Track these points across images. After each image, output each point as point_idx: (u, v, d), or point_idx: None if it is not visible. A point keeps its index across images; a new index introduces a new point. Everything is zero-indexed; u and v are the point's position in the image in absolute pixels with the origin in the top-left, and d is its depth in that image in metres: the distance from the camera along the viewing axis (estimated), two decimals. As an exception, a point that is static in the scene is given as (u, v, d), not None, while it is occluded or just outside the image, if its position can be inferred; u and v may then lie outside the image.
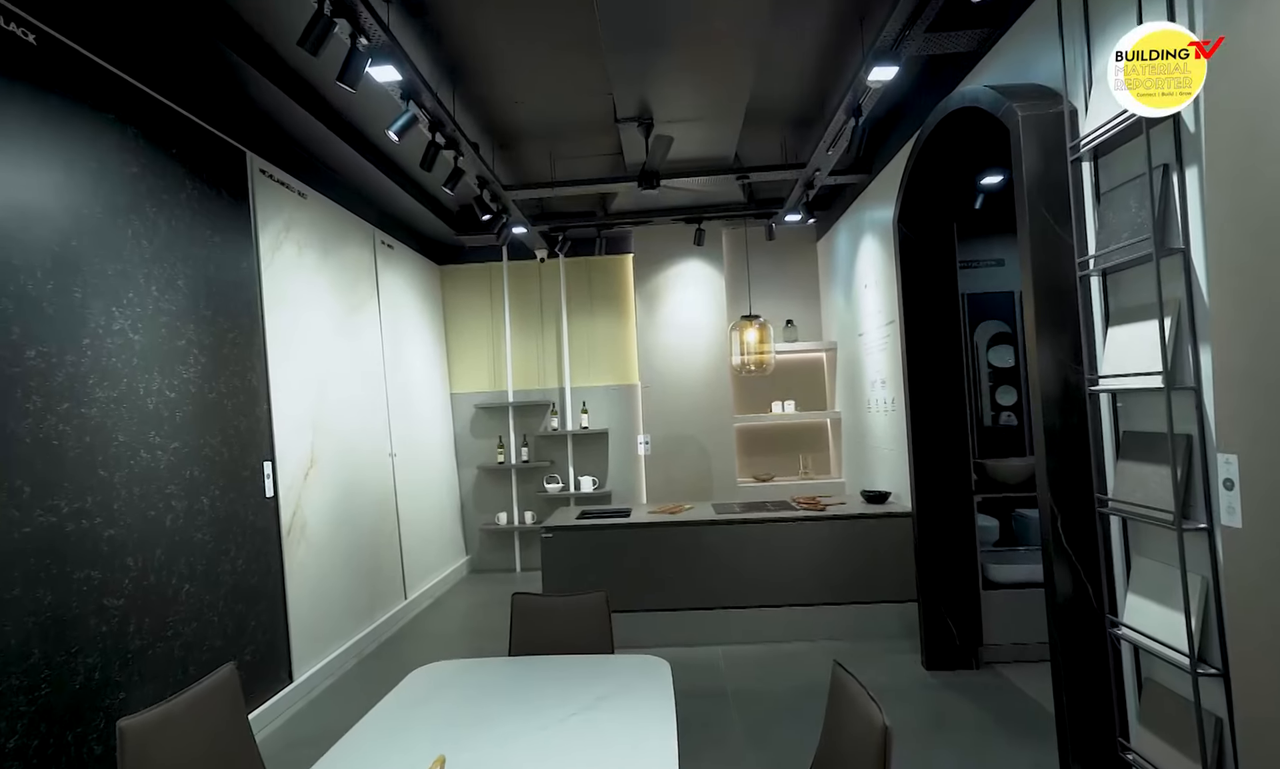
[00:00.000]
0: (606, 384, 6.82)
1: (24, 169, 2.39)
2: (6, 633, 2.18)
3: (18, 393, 2.28)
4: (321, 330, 4.38)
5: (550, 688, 1.98)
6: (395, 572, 5.19)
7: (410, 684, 2.10)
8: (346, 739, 1.72)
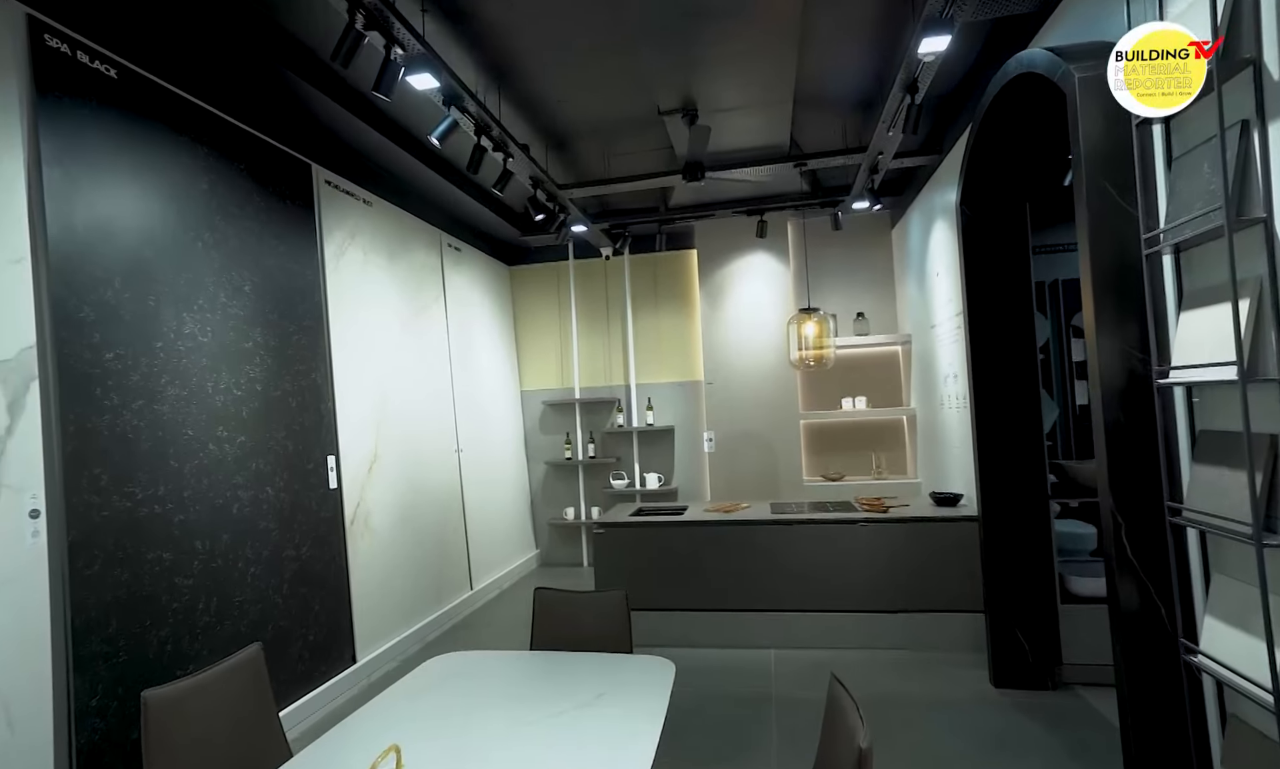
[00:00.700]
0: (672, 381, 6.78)
1: (105, 189, 2.66)
2: (89, 605, 2.44)
3: (97, 391, 2.54)
4: (386, 330, 4.61)
5: (551, 684, 1.99)
6: (461, 562, 5.39)
7: (420, 674, 2.16)
8: (344, 725, 1.79)
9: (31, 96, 2.43)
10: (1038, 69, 2.58)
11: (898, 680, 3.68)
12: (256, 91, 3.49)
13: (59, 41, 2.54)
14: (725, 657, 4.14)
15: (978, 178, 3.58)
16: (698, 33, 3.25)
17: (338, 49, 2.59)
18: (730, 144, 4.59)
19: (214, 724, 1.86)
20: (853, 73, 4.06)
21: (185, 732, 1.78)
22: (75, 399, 2.46)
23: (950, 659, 3.89)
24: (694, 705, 3.49)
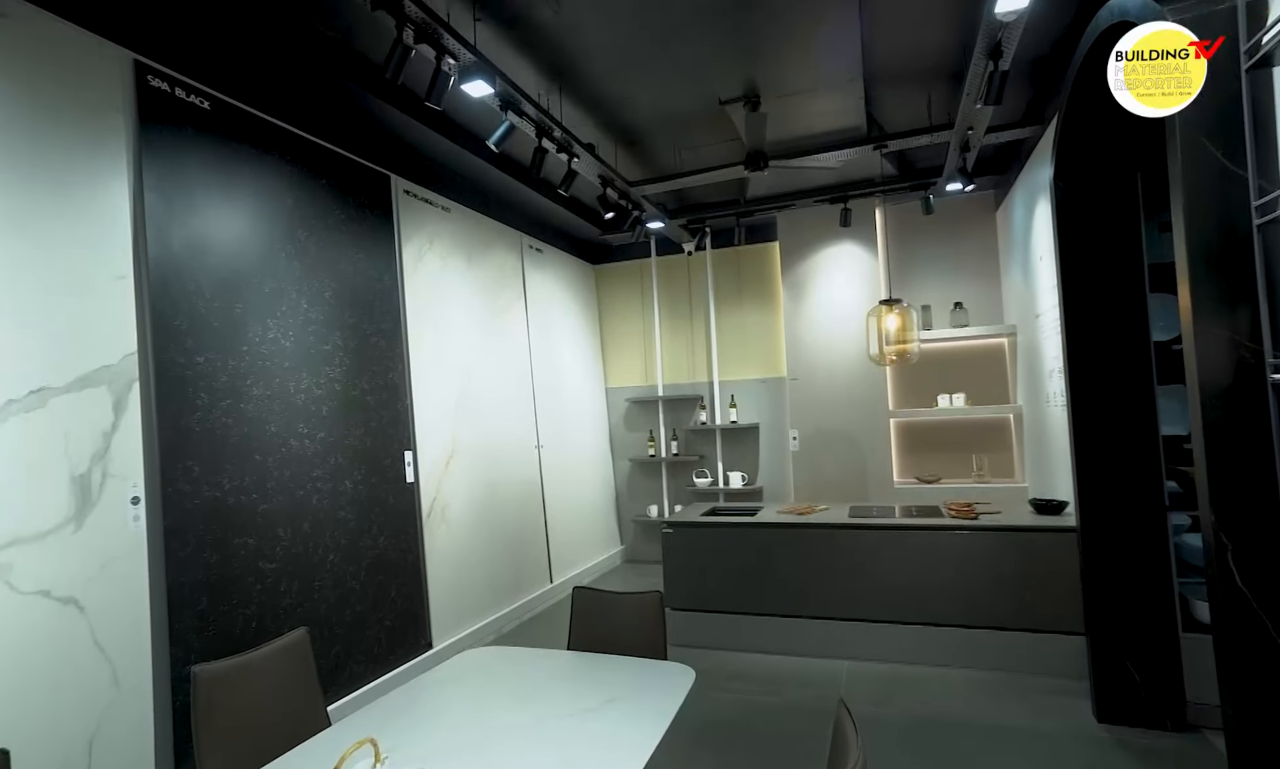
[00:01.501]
0: (755, 378, 6.60)
1: (198, 210, 2.94)
2: (183, 583, 2.71)
3: (189, 391, 2.82)
4: (465, 330, 4.80)
5: (567, 685, 1.98)
6: (540, 556, 5.53)
7: (450, 667, 2.22)
8: (360, 713, 1.87)
9: (136, 131, 2.73)
10: (1130, 17, 2.25)
11: (985, 705, 3.36)
12: (337, 111, 3.74)
13: (160, 80, 2.83)
14: (794, 665, 3.97)
15: (1074, 147, 3.19)
16: (750, 15, 3.12)
17: (386, 63, 2.71)
18: (801, 130, 4.39)
19: (259, 700, 2.00)
20: (931, 41, 3.75)
21: (231, 705, 1.93)
22: (170, 399, 2.74)
23: (1047, 685, 3.51)
24: (751, 714, 3.37)
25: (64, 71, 2.51)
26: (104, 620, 2.44)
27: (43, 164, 2.41)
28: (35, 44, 2.43)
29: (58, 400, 2.36)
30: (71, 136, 2.51)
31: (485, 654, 2.34)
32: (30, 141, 2.38)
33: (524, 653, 2.36)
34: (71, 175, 2.50)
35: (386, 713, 1.87)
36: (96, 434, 2.47)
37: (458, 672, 2.16)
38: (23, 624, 2.21)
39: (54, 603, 2.30)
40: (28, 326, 2.31)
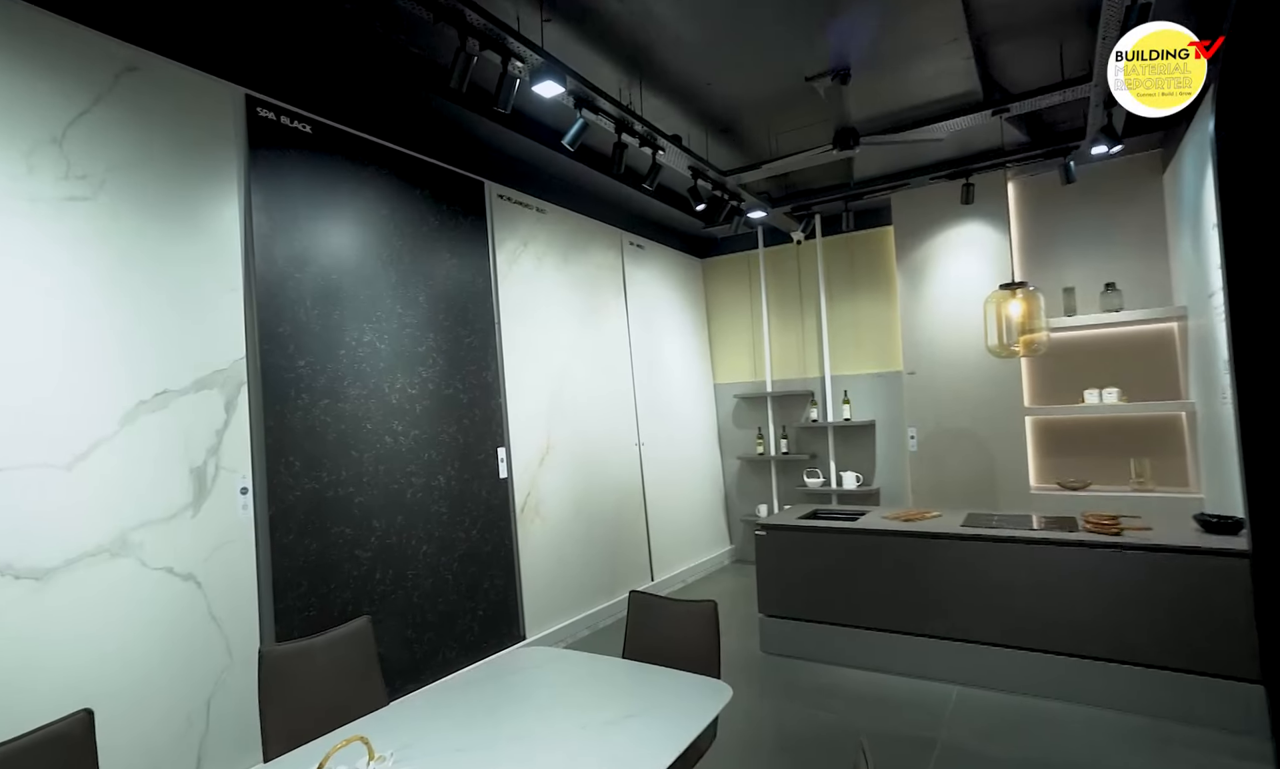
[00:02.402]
0: (870, 372, 6.17)
1: (300, 225, 3.22)
2: (286, 567, 2.99)
3: (291, 392, 3.09)
4: (560, 329, 4.90)
5: (596, 695, 1.92)
6: (640, 554, 5.52)
7: (492, 665, 2.25)
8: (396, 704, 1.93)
9: (246, 158, 3.04)
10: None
11: (1128, 755, 2.88)
12: (430, 124, 3.94)
13: (267, 111, 3.13)
14: (894, 685, 3.64)
15: (1241, 85, 2.61)
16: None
17: (450, 71, 2.79)
18: (904, 101, 4.00)
19: (322, 682, 2.14)
20: (1058, -16, 3.25)
21: (295, 685, 2.08)
22: (274, 399, 3.02)
23: (1209, 740, 2.93)
24: (840, 735, 3.13)
25: (187, 111, 2.84)
26: (218, 596, 2.73)
27: (169, 192, 2.74)
28: (164, 89, 2.77)
29: (178, 401, 2.68)
30: (192, 167, 2.83)
31: (535, 655, 2.35)
32: (159, 173, 2.71)
33: (573, 656, 2.34)
34: (192, 201, 2.82)
35: (413, 707, 1.92)
36: (210, 431, 2.77)
37: (497, 671, 2.18)
38: (152, 595, 2.54)
39: (176, 578, 2.61)
40: (154, 337, 2.64)
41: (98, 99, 2.57)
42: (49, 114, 2.43)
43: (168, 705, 2.55)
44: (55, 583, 2.30)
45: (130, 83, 2.67)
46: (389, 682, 3.27)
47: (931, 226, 5.56)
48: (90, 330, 2.46)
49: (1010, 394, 5.24)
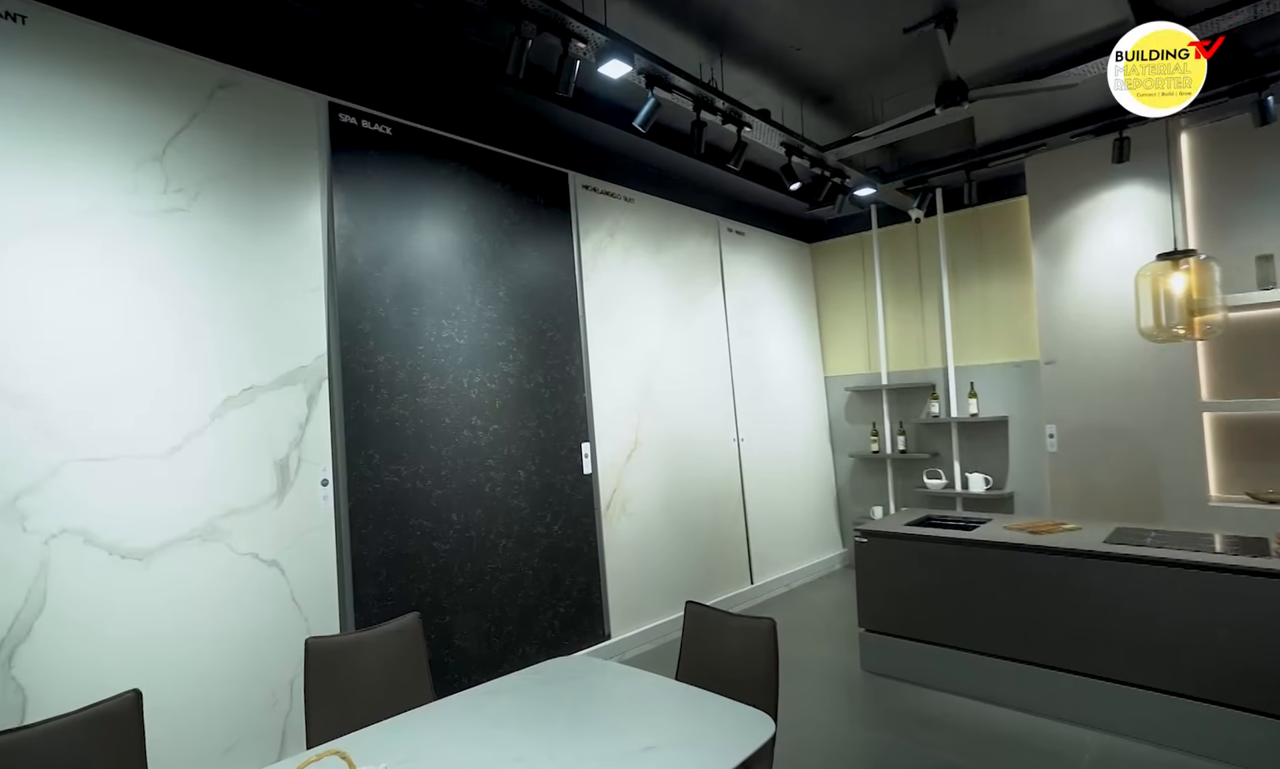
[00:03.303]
0: (1002, 361, 5.47)
1: (380, 225, 3.31)
2: (364, 557, 3.09)
3: (371, 387, 3.19)
4: (650, 321, 4.75)
5: (623, 719, 1.76)
6: (739, 555, 5.27)
7: (525, 675, 2.15)
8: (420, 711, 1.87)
9: (329, 162, 3.16)
10: None
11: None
12: (511, 118, 3.94)
13: (348, 116, 3.25)
14: (1014, 723, 3.15)
15: None
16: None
17: (506, 57, 2.72)
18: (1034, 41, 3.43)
19: (369, 675, 2.15)
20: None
21: (341, 677, 2.09)
22: (354, 394, 3.13)
23: None
24: (941, 779, 2.74)
25: (274, 121, 3.00)
26: (300, 582, 2.87)
27: (257, 199, 2.90)
28: (253, 103, 2.93)
29: (264, 396, 2.83)
30: (278, 174, 2.99)
31: (579, 664, 2.22)
32: (248, 182, 2.88)
33: (615, 670, 2.19)
34: (278, 207, 2.97)
35: (441, 712, 1.86)
36: (293, 425, 2.91)
37: (528, 682, 2.07)
38: (239, 579, 2.70)
39: (261, 564, 2.77)
40: (242, 335, 2.80)
41: (194, 116, 2.76)
42: (152, 134, 2.64)
43: (254, 683, 2.70)
44: (155, 563, 2.50)
45: (223, 98, 2.85)
46: (467, 674, 3.32)
47: (1075, 192, 4.80)
48: (185, 331, 2.65)
49: (1182, 385, 4.40)
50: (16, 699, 2.21)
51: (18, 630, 2.22)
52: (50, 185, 2.40)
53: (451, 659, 3.34)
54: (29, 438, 2.28)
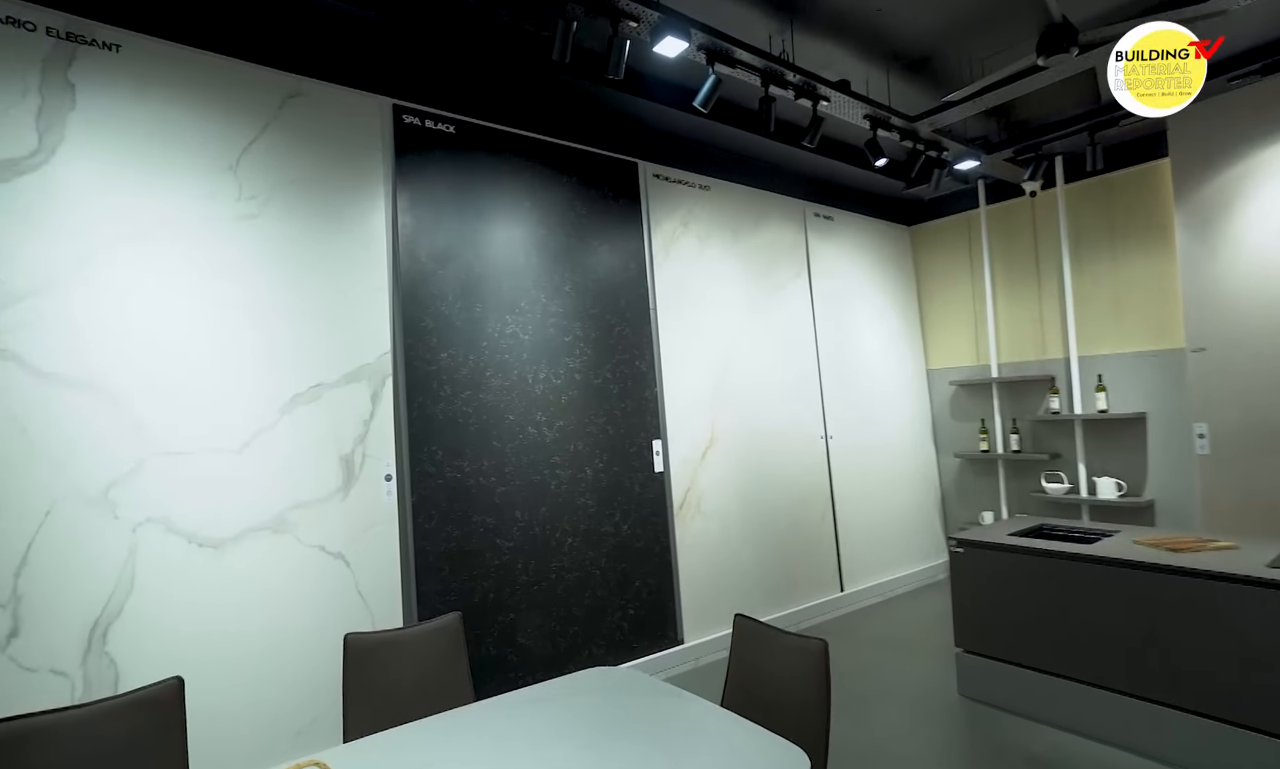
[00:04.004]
0: (1137, 350, 4.79)
1: (444, 223, 3.34)
2: (427, 552, 3.13)
3: (434, 384, 3.22)
4: (727, 313, 4.54)
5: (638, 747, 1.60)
6: (828, 560, 4.95)
7: (574, 680, 2.04)
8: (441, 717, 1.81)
9: (393, 164, 3.22)
10: None
11: None
12: (576, 109, 3.87)
13: (412, 117, 3.30)
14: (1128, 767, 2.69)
15: None
16: None
17: (551, 43, 2.63)
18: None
19: (407, 673, 2.13)
20: None
21: (380, 673, 2.09)
22: (417, 390, 3.17)
23: None
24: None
25: (341, 126, 3.09)
26: (364, 575, 2.94)
27: (324, 203, 3.00)
28: (321, 110, 3.04)
29: (330, 393, 2.92)
30: (344, 177, 3.07)
31: (615, 677, 2.09)
32: (316, 186, 2.98)
33: (654, 687, 2.03)
34: (344, 209, 3.06)
35: (452, 720, 1.79)
36: (358, 421, 2.99)
37: (562, 691, 1.97)
38: (307, 570, 2.80)
39: (327, 556, 2.85)
40: (310, 334, 2.90)
41: (265, 127, 2.88)
42: (226, 145, 2.78)
43: (321, 670, 2.78)
44: (230, 552, 2.63)
45: (293, 107, 2.96)
46: (531, 673, 3.29)
47: (1233, 150, 4.09)
48: (257, 331, 2.77)
49: (1370, 376, 3.63)
50: (110, 673, 2.39)
51: (111, 609, 2.40)
52: (140, 198, 2.58)
53: (515, 657, 3.32)
54: (119, 433, 2.46)
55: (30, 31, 2.45)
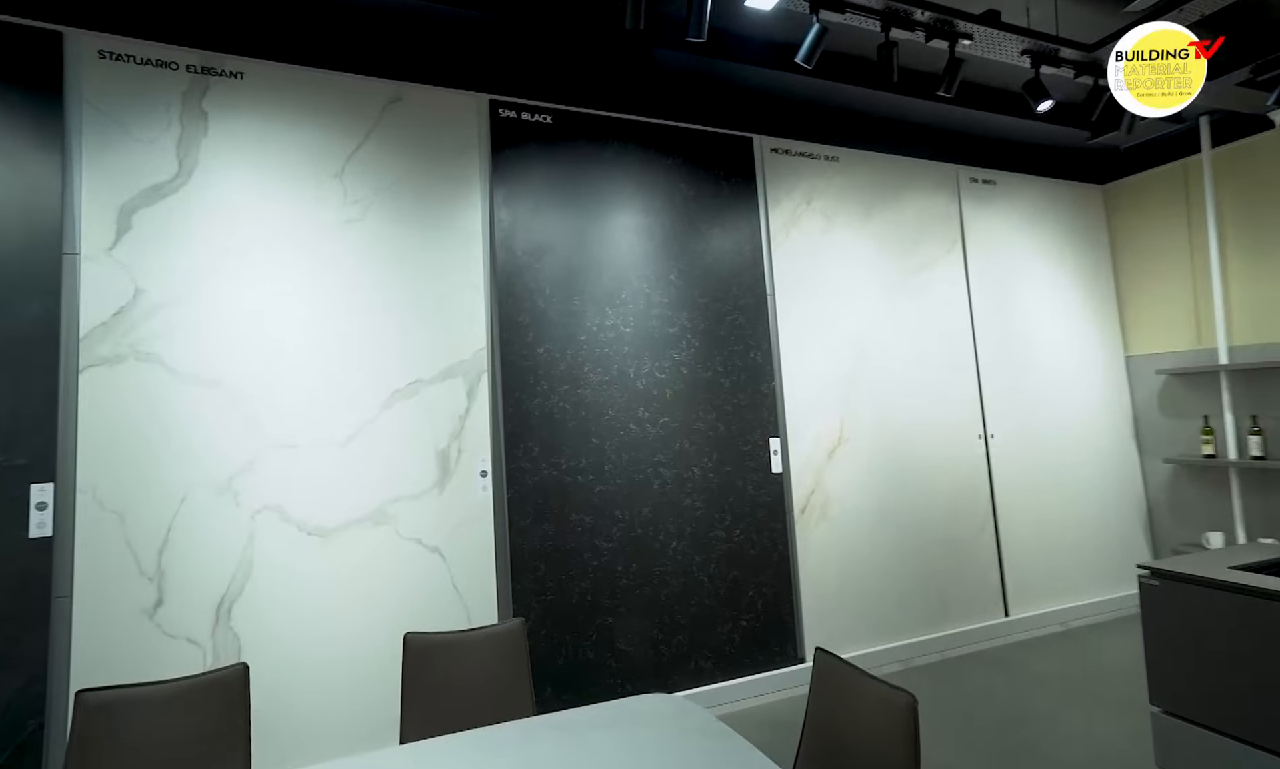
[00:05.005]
0: None
1: (540, 216, 3.30)
2: (523, 549, 3.09)
3: (530, 379, 3.18)
4: (860, 298, 4.06)
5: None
6: (988, 579, 4.25)
7: (629, 705, 1.83)
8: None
9: (489, 160, 3.23)
10: None
11: None
12: (682, 87, 3.64)
13: (508, 111, 3.29)
14: None
15: None
16: None
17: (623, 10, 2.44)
18: None
19: (465, 678, 2.06)
20: None
21: (439, 676, 2.04)
22: (513, 386, 3.15)
23: None
24: None
25: (439, 125, 3.15)
26: (460, 569, 2.96)
27: (422, 203, 3.07)
28: (420, 112, 3.12)
29: (427, 390, 2.99)
30: (442, 176, 3.13)
31: (669, 708, 1.85)
32: (415, 187, 3.07)
33: (707, 726, 1.75)
34: (441, 208, 3.11)
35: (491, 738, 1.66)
36: (454, 417, 3.02)
37: (608, 716, 1.76)
38: (405, 561, 2.88)
39: (424, 549, 2.92)
40: (409, 332, 2.99)
41: (368, 134, 3.01)
42: (333, 153, 2.94)
43: (421, 661, 2.85)
44: (334, 541, 2.78)
45: (394, 112, 3.06)
46: (632, 682, 3.16)
47: None
48: (360, 331, 2.90)
49: None
50: (234, 646, 2.61)
51: (234, 588, 2.62)
52: (259, 211, 2.80)
53: (615, 664, 3.19)
54: (239, 427, 2.68)
55: (173, 70, 2.74)
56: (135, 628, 2.49)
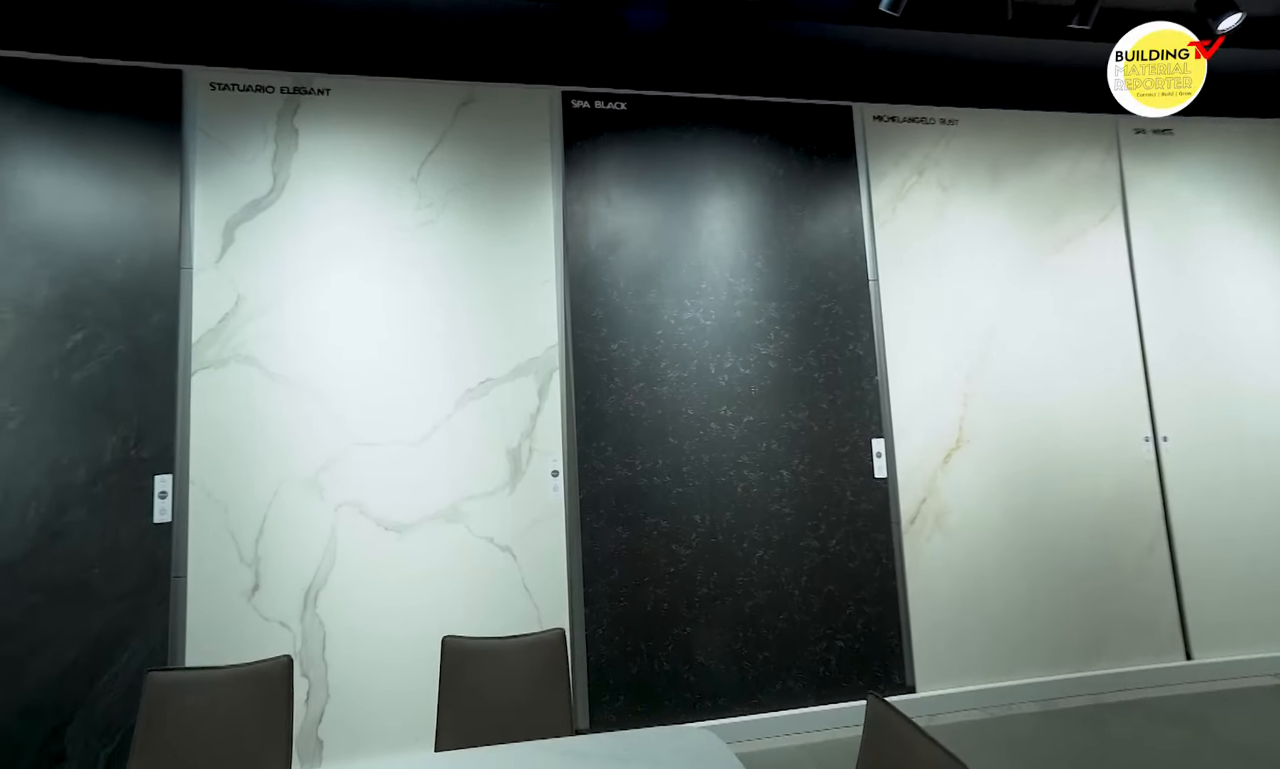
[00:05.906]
0: None
1: (614, 209, 3.18)
2: (595, 552, 3.00)
3: (604, 377, 3.08)
4: (985, 279, 3.53)
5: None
6: (1161, 613, 3.53)
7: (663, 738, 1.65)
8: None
9: (562, 154, 3.18)
10: None
11: None
12: (769, 55, 3.37)
13: (581, 101, 3.21)
14: None
15: None
16: None
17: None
18: None
19: (502, 683, 1.99)
20: None
21: (476, 683, 1.98)
22: (586, 384, 3.06)
23: None
24: None
25: (511, 122, 3.14)
26: (531, 569, 2.92)
27: (494, 202, 3.08)
28: (493, 110, 3.13)
29: (498, 388, 2.98)
30: (514, 174, 3.11)
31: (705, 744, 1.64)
32: (487, 187, 3.08)
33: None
34: (513, 206, 3.10)
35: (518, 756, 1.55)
36: (525, 415, 2.99)
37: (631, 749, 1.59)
38: (476, 560, 2.89)
39: (495, 548, 2.91)
40: (481, 331, 3.00)
41: (442, 137, 3.06)
42: (408, 158, 3.02)
43: (494, 660, 2.84)
44: (410, 536, 2.84)
45: (467, 113, 3.09)
46: (712, 699, 2.98)
47: None
48: (433, 329, 2.95)
49: None
50: (320, 632, 2.75)
51: (319, 578, 2.77)
52: (344, 218, 2.93)
53: (693, 678, 3.00)
54: (326, 425, 2.82)
55: (269, 93, 2.95)
56: (237, 609, 2.69)
